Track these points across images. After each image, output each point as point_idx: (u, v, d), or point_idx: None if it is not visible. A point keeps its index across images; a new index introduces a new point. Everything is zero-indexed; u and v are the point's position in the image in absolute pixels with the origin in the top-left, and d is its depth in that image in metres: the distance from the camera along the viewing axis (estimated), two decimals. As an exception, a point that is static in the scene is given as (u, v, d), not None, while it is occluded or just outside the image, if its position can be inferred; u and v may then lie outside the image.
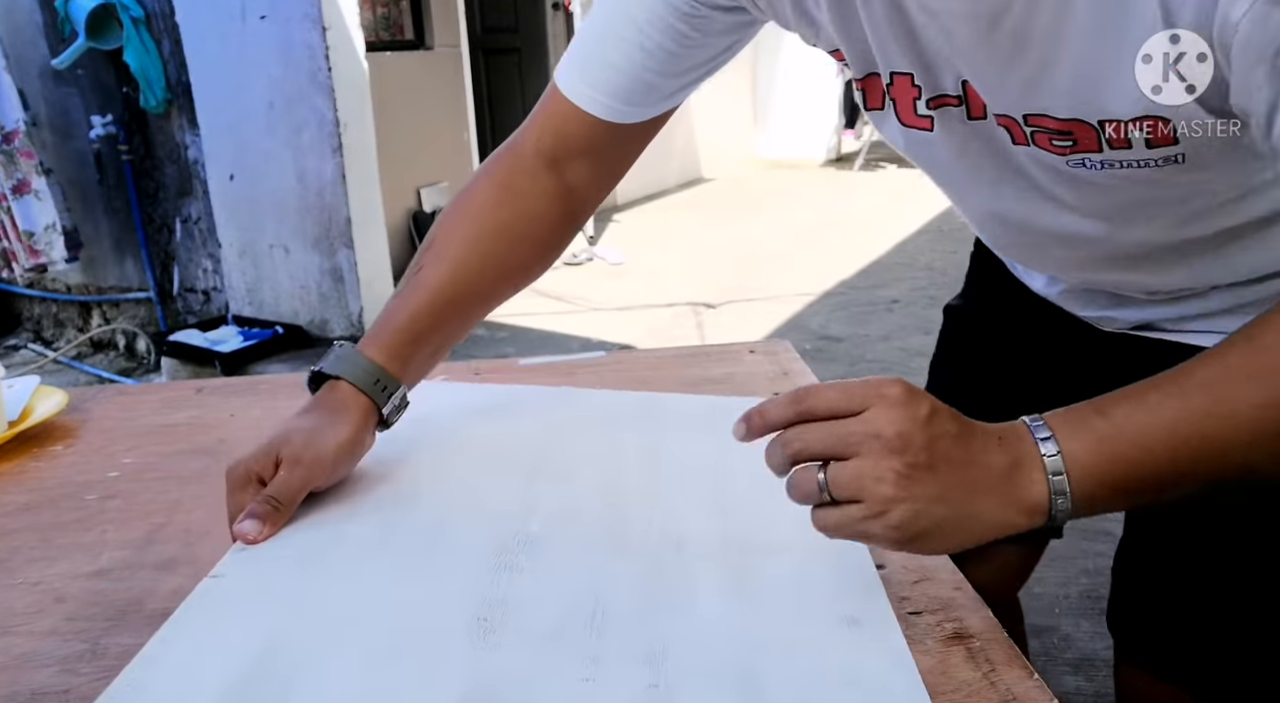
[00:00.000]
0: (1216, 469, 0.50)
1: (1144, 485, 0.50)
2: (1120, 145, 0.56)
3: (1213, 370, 0.50)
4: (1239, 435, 0.48)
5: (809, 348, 3.45)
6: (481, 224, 0.77)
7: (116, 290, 4.08)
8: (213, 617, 0.55)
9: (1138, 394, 0.51)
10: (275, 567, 0.60)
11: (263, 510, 0.65)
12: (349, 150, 3.49)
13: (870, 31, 0.62)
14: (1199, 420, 0.49)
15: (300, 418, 0.70)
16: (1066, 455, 0.50)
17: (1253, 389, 0.48)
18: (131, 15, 3.44)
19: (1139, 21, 0.49)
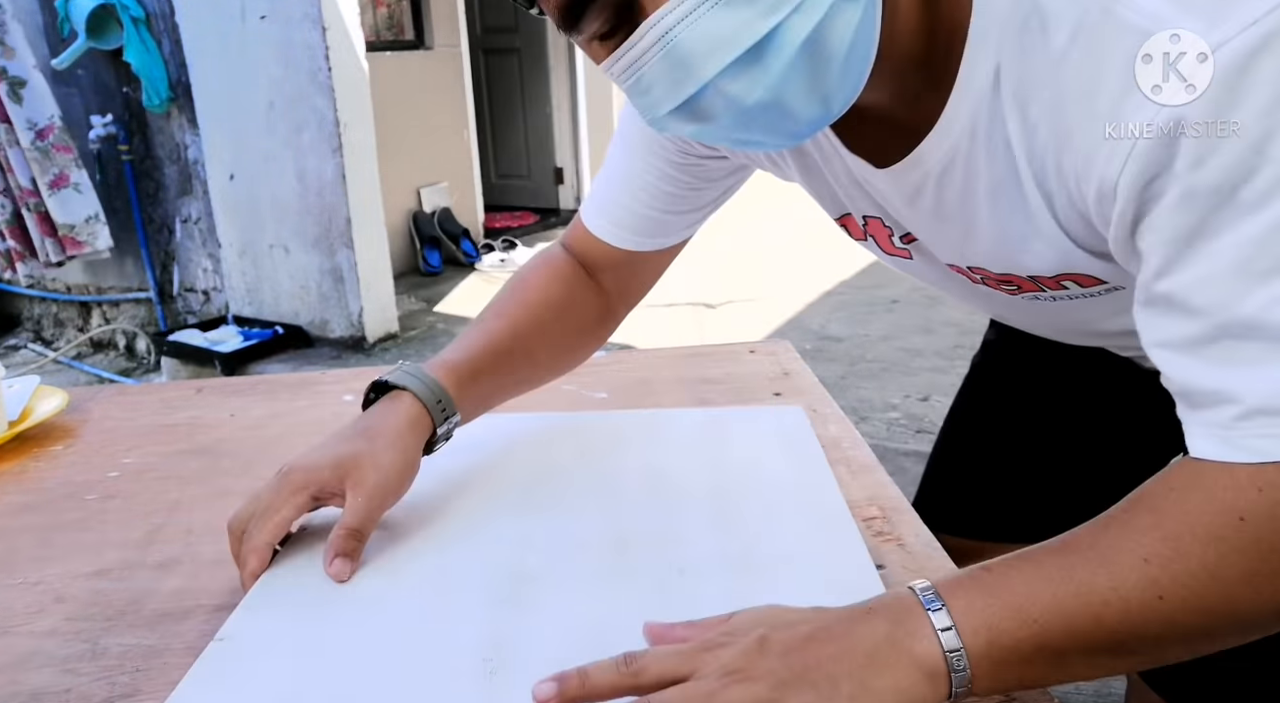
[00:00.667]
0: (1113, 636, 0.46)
1: (1047, 644, 0.46)
2: (1057, 288, 0.60)
3: (1099, 528, 0.48)
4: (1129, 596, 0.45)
5: (809, 348, 3.45)
6: (538, 293, 0.82)
7: (116, 290, 4.09)
8: (221, 681, 0.55)
9: (1025, 552, 0.49)
10: (279, 625, 0.59)
11: (349, 547, 0.64)
12: (349, 150, 3.49)
13: (834, 183, 0.66)
14: (1085, 572, 0.46)
15: (362, 436, 0.68)
16: (948, 602, 0.47)
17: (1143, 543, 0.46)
18: (131, 15, 3.45)
19: (1032, 199, 0.53)
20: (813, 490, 0.75)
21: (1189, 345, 0.46)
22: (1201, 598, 0.44)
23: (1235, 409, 0.45)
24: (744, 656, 0.47)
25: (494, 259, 4.99)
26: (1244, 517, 0.44)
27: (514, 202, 6.10)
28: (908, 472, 2.47)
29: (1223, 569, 0.44)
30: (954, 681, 0.46)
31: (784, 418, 0.90)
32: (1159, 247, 0.46)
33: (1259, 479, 0.44)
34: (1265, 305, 0.43)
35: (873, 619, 0.48)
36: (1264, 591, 0.44)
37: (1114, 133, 0.45)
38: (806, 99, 0.50)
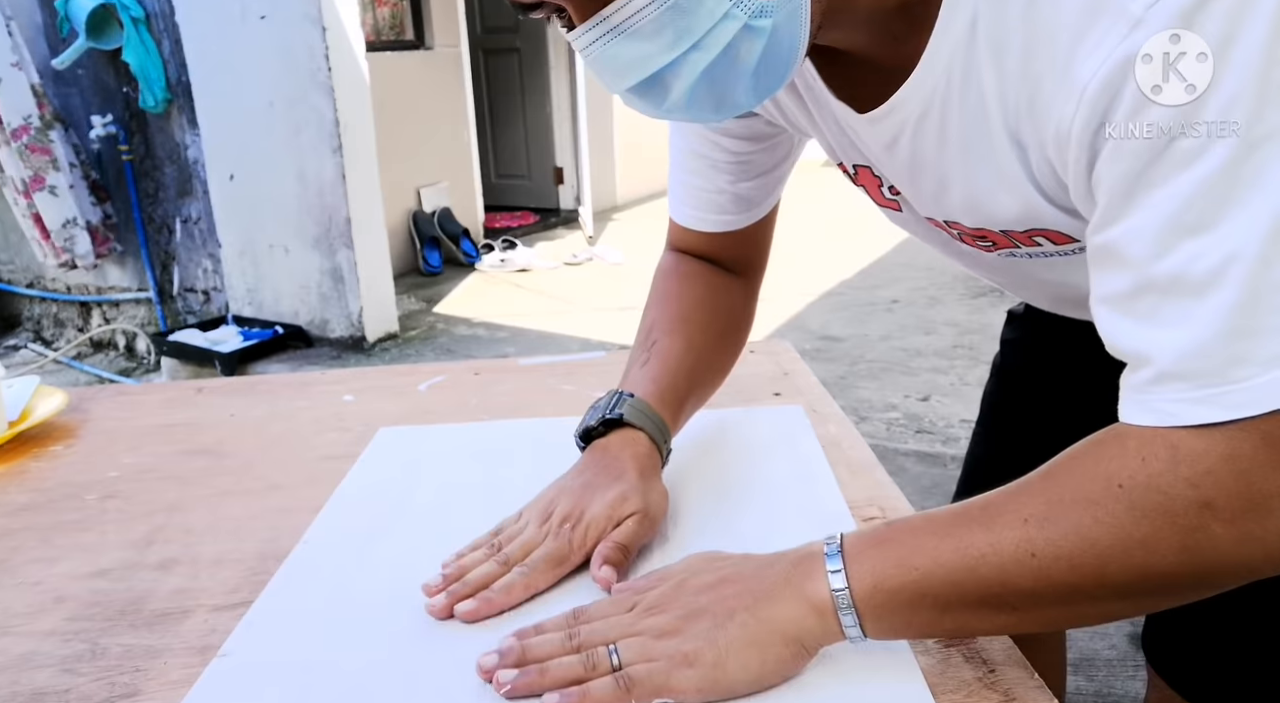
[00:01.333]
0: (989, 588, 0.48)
1: (927, 591, 0.49)
2: (1032, 245, 0.61)
3: (1000, 491, 0.51)
4: (1003, 551, 0.48)
5: (809, 348, 3.45)
6: (687, 302, 0.83)
7: (116, 290, 4.09)
8: (224, 697, 0.54)
9: (931, 511, 0.53)
10: (281, 641, 0.59)
11: (617, 558, 0.64)
12: (349, 150, 3.49)
13: (827, 132, 0.67)
14: (968, 529, 0.49)
15: (616, 476, 0.68)
16: (846, 550, 0.52)
17: (1028, 504, 0.48)
18: (131, 15, 3.45)
19: (1002, 149, 0.53)
20: (813, 490, 0.75)
21: (1119, 300, 0.47)
22: (1071, 558, 0.46)
23: (1150, 371, 0.45)
24: (662, 595, 0.55)
25: (494, 259, 4.99)
26: (1122, 484, 0.45)
27: (514, 201, 6.10)
28: (908, 472, 2.47)
29: (1094, 532, 0.46)
30: (841, 619, 0.51)
31: (784, 418, 0.90)
32: (1104, 197, 0.47)
33: (1144, 449, 0.45)
34: (1189, 259, 0.43)
35: (779, 563, 0.54)
36: (1135, 557, 0.45)
37: (1069, 78, 0.46)
38: (716, 108, 0.54)
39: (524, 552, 0.64)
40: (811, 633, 0.51)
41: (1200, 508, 0.44)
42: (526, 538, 0.65)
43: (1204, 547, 0.44)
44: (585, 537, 0.64)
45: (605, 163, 6.15)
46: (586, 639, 0.54)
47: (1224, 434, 0.44)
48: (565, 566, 0.64)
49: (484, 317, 4.12)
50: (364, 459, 0.86)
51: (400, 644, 0.58)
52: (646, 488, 0.68)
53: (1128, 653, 1.71)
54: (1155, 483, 0.45)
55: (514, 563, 0.63)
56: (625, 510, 0.66)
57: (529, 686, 0.52)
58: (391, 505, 0.77)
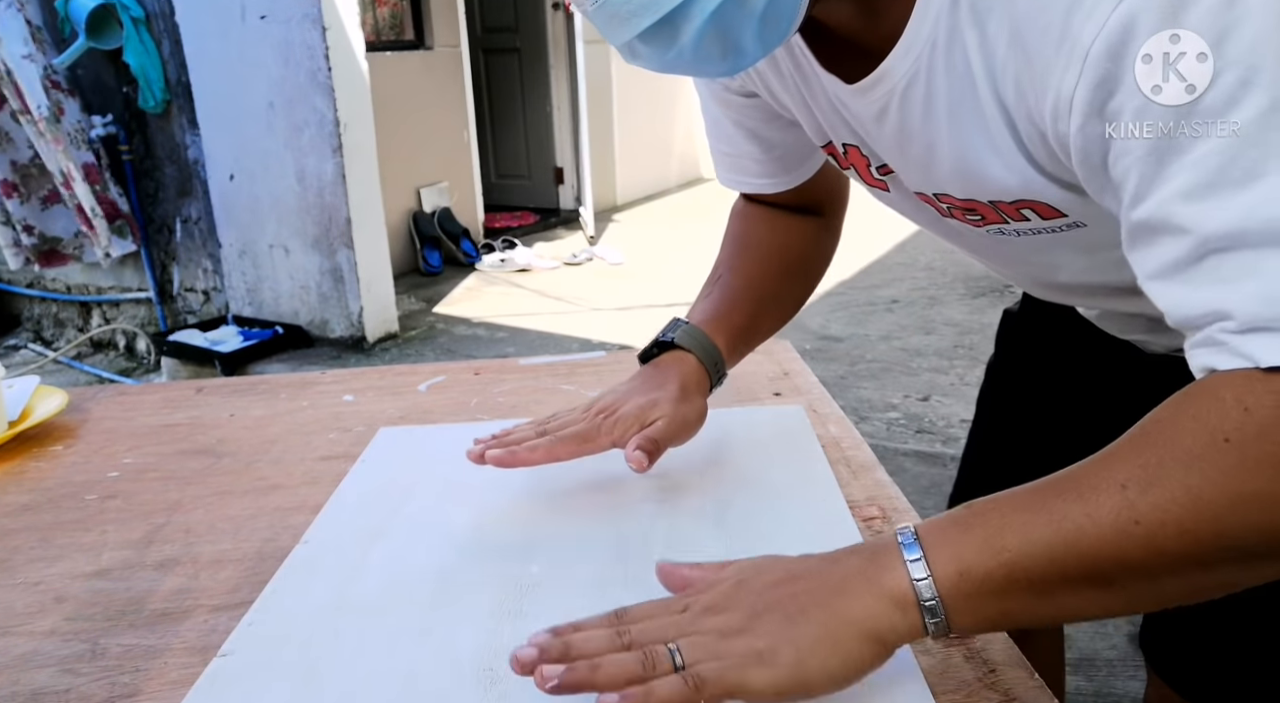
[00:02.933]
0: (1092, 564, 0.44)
1: (1021, 574, 0.45)
2: (1019, 219, 0.60)
3: (1086, 462, 0.47)
4: (1102, 521, 0.44)
5: (809, 348, 3.45)
6: (748, 238, 0.86)
7: (116, 290, 4.09)
8: (225, 696, 0.54)
9: (1009, 491, 0.49)
10: (282, 640, 0.59)
11: (650, 448, 0.70)
12: (349, 150, 3.49)
13: (816, 109, 0.67)
14: (1060, 501, 0.45)
15: (659, 387, 0.75)
16: (922, 537, 0.48)
17: (1122, 469, 0.45)
18: (131, 15, 3.45)
19: (991, 117, 0.53)
20: (813, 490, 0.75)
21: (1177, 269, 0.45)
22: (1182, 523, 0.42)
23: (1231, 325, 0.43)
24: (722, 595, 0.50)
25: (494, 259, 4.99)
26: (1229, 438, 0.42)
27: (514, 201, 6.10)
28: (908, 472, 2.47)
29: (1206, 492, 0.42)
30: (925, 611, 0.46)
31: (784, 418, 0.90)
32: (1132, 170, 0.45)
33: (1246, 398, 0.42)
34: (1246, 212, 0.42)
35: (850, 557, 0.50)
36: (1252, 515, 0.42)
37: (1067, 46, 0.45)
38: (721, 56, 0.54)
39: (559, 427, 0.74)
40: (894, 629, 0.47)
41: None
42: (565, 419, 0.75)
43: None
44: (614, 427, 0.72)
45: (605, 163, 6.15)
46: (639, 637, 0.49)
47: None
48: (588, 445, 0.72)
49: (484, 317, 4.12)
50: (364, 459, 0.86)
51: (400, 644, 0.58)
52: (681, 399, 0.74)
53: (1128, 653, 1.71)
54: (1267, 432, 0.41)
55: (549, 434, 0.72)
56: (654, 414, 0.73)
57: (578, 683, 0.46)
58: (391, 505, 0.76)
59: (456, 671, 0.55)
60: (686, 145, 7.15)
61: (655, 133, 6.82)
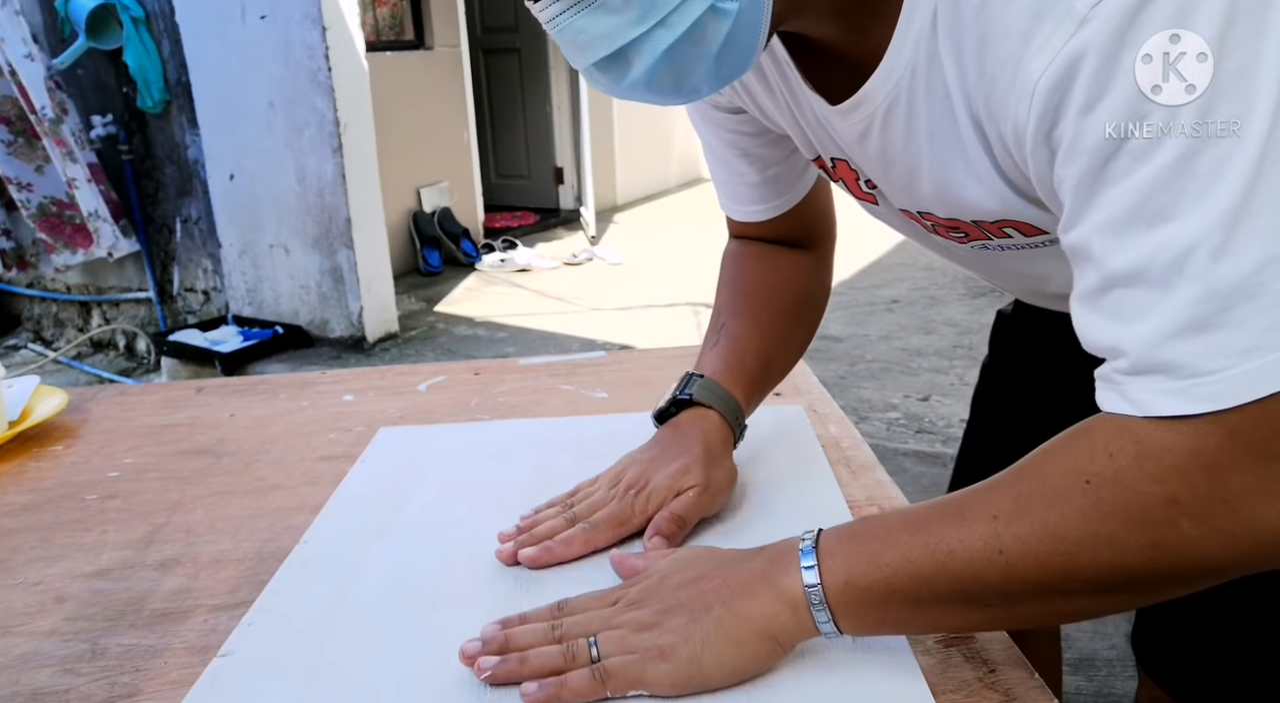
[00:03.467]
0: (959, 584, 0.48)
1: (898, 588, 0.50)
2: (1002, 236, 0.61)
3: (973, 488, 0.51)
4: (972, 547, 0.48)
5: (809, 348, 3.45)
6: (753, 280, 0.84)
7: (116, 290, 4.09)
8: (224, 697, 0.54)
9: (906, 507, 0.53)
10: (282, 640, 0.59)
11: (672, 529, 0.67)
12: (349, 150, 3.49)
13: (805, 126, 0.68)
14: (940, 525, 0.49)
15: (687, 452, 0.71)
16: (820, 546, 0.52)
17: (997, 500, 0.48)
18: (131, 15, 3.45)
19: (969, 141, 0.54)
20: (813, 490, 0.75)
21: (1089, 296, 0.47)
22: (1039, 554, 0.46)
23: (1125, 363, 0.45)
24: (644, 590, 0.56)
25: (494, 259, 4.99)
26: (1090, 480, 0.45)
27: (514, 202, 6.10)
28: (908, 472, 2.47)
29: (1061, 528, 0.46)
30: (815, 615, 0.51)
31: (784, 418, 0.90)
32: (1067, 197, 0.47)
33: (1112, 444, 0.45)
34: (1150, 252, 0.43)
35: (756, 558, 0.55)
36: (1102, 554, 0.45)
37: (1020, 78, 0.46)
38: (675, 90, 0.54)
39: (590, 511, 0.69)
40: (786, 629, 0.52)
41: (1166, 504, 0.43)
42: (595, 500, 0.71)
43: (1172, 543, 0.44)
44: (647, 503, 0.69)
45: (606, 163, 6.15)
46: (568, 631, 0.55)
47: (1191, 428, 0.43)
48: (625, 528, 0.68)
49: (484, 317, 4.12)
50: (364, 459, 0.86)
51: (400, 644, 0.58)
52: (711, 463, 0.71)
53: (1127, 653, 1.71)
54: (1121, 478, 0.44)
55: (580, 520, 0.69)
56: (687, 483, 0.69)
57: (509, 673, 0.53)
58: (391, 505, 0.77)
59: (456, 671, 0.55)
60: (686, 145, 7.14)
61: (655, 133, 6.82)
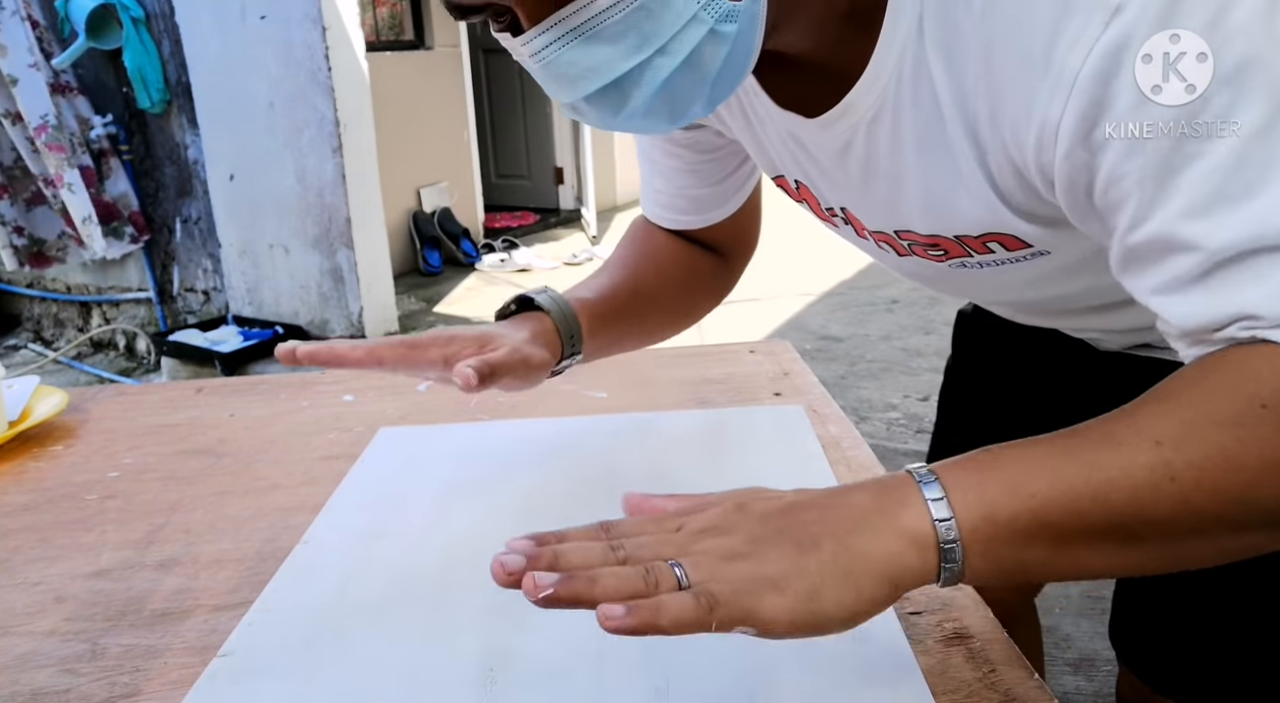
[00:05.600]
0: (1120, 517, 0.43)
1: (1047, 521, 0.43)
2: (984, 252, 0.60)
3: (1111, 417, 0.46)
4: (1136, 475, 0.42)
5: (809, 348, 3.45)
6: (657, 245, 0.83)
7: (116, 290, 4.08)
8: (225, 697, 0.54)
9: (1031, 439, 0.47)
10: (282, 641, 0.59)
11: (484, 372, 0.62)
12: (349, 150, 3.49)
13: (769, 147, 0.67)
14: (1093, 451, 0.44)
15: (506, 326, 0.70)
16: (942, 477, 0.45)
17: (1156, 426, 0.44)
18: (131, 15, 3.44)
19: (959, 150, 0.52)
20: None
21: (1189, 283, 0.45)
22: (1217, 483, 0.42)
23: (1259, 323, 0.43)
24: (720, 516, 0.46)
25: (494, 259, 4.99)
26: (1265, 404, 0.42)
27: (514, 202, 6.10)
28: (908, 472, 2.47)
29: (1241, 455, 0.42)
30: (944, 554, 0.43)
31: (784, 418, 0.90)
32: (1130, 195, 0.45)
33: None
34: (1254, 223, 0.42)
35: (861, 491, 0.46)
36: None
37: (1052, 73, 0.45)
38: (670, 118, 0.53)
39: None
40: (909, 570, 0.43)
41: None
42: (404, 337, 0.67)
43: None
44: (448, 343, 0.65)
45: (605, 163, 6.15)
46: (636, 553, 0.44)
47: None
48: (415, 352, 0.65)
49: (484, 317, 4.11)
50: (364, 459, 0.86)
51: (400, 644, 0.58)
52: (528, 342, 0.68)
53: (1128, 653, 1.71)
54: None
55: None
56: (494, 343, 0.66)
57: (576, 595, 0.41)
58: (391, 505, 0.77)
59: (456, 671, 0.55)
60: (686, 145, 7.13)
61: (655, 133, 6.81)
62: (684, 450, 0.83)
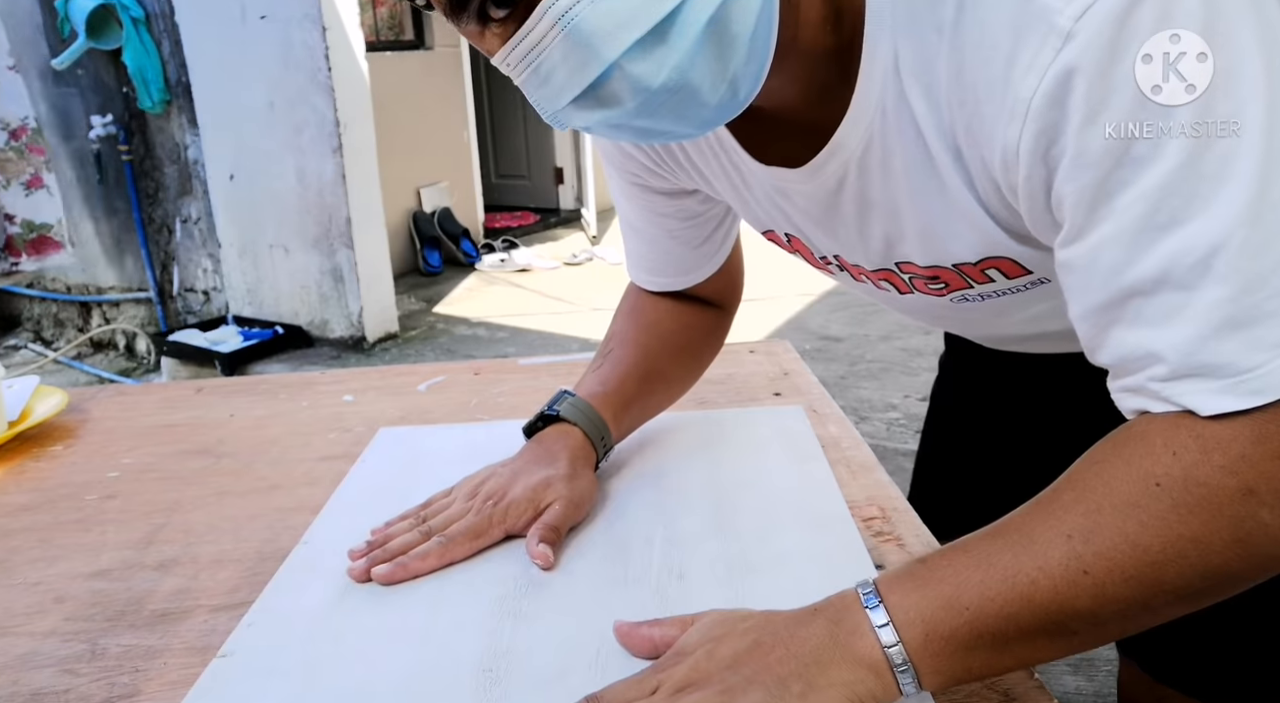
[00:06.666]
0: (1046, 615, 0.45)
1: (983, 630, 0.46)
2: (983, 281, 0.60)
3: (1029, 509, 0.48)
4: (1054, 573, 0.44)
5: (809, 348, 3.45)
6: (654, 314, 0.85)
7: (116, 290, 4.09)
8: (224, 697, 0.54)
9: (961, 541, 0.49)
10: (282, 640, 0.59)
11: (550, 537, 0.66)
12: (349, 150, 3.49)
13: (754, 203, 0.67)
14: (1011, 555, 0.46)
15: (549, 464, 0.72)
16: (885, 598, 0.48)
17: (1066, 519, 0.45)
18: (131, 15, 3.45)
19: (948, 177, 0.53)
20: (813, 490, 0.75)
21: (1102, 310, 0.46)
22: (1125, 569, 0.44)
23: (1163, 369, 0.44)
24: (694, 669, 0.49)
25: (494, 259, 4.99)
26: (1159, 482, 0.43)
27: (514, 202, 6.10)
28: (907, 472, 2.46)
29: (1144, 538, 0.43)
30: (898, 675, 0.46)
31: (784, 418, 0.90)
32: (1068, 214, 0.46)
33: (1173, 442, 0.44)
34: (1170, 257, 0.42)
35: (816, 620, 0.49)
36: (1190, 557, 0.43)
37: (1009, 99, 0.45)
38: (714, 82, 0.48)
39: (445, 523, 0.68)
40: (872, 693, 0.47)
41: (1244, 495, 0.42)
42: (450, 512, 0.69)
43: (1255, 534, 0.42)
44: (505, 514, 0.68)
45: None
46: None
47: (1248, 420, 0.42)
48: (483, 539, 0.67)
49: (484, 317, 4.12)
50: (364, 459, 0.86)
51: (399, 644, 0.58)
52: (573, 476, 0.71)
53: (1128, 653, 1.71)
54: (1193, 475, 0.43)
55: (435, 533, 0.67)
56: (548, 497, 0.69)
57: None
58: (391, 506, 0.76)
59: (456, 671, 0.55)
60: (686, 145, 7.13)
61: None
62: (684, 451, 0.83)
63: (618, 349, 0.82)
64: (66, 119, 3.73)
